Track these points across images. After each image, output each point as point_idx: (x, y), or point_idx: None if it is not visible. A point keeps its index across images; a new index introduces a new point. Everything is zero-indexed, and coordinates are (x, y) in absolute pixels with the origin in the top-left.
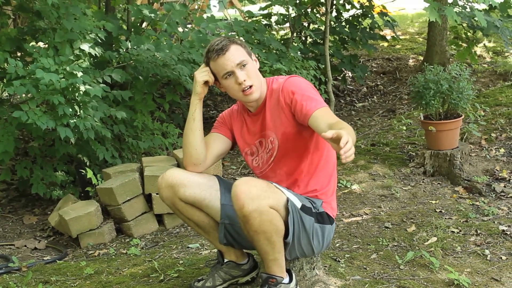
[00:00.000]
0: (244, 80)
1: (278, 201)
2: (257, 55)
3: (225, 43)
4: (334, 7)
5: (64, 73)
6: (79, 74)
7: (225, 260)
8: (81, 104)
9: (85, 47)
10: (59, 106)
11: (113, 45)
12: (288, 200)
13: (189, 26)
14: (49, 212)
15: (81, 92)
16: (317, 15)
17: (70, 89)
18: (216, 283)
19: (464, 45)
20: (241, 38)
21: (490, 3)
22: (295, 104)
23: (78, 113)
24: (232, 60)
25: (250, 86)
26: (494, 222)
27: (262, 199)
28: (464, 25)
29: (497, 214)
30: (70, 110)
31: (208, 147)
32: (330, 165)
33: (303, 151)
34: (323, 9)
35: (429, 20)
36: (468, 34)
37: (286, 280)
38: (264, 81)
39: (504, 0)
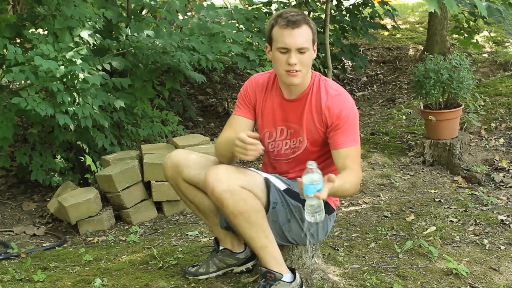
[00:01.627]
0: (295, 64)
1: (250, 182)
2: (257, 43)
3: (300, 18)
4: None
5: (63, 60)
6: (78, 61)
7: (221, 248)
8: (80, 91)
9: (85, 34)
10: (58, 93)
11: (113, 32)
12: (264, 179)
13: (188, 13)
14: (48, 199)
15: (80, 79)
16: (318, 3)
17: (69, 76)
18: (209, 270)
19: (465, 35)
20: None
21: None
22: (336, 129)
23: (77, 101)
24: (296, 41)
25: (297, 71)
26: (493, 212)
27: (232, 180)
28: (466, 14)
29: (496, 204)
30: (69, 97)
31: (235, 133)
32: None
33: (328, 155)
34: None
35: (429, 10)
36: (470, 23)
37: (288, 277)
38: (310, 73)
39: None
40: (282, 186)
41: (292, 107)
